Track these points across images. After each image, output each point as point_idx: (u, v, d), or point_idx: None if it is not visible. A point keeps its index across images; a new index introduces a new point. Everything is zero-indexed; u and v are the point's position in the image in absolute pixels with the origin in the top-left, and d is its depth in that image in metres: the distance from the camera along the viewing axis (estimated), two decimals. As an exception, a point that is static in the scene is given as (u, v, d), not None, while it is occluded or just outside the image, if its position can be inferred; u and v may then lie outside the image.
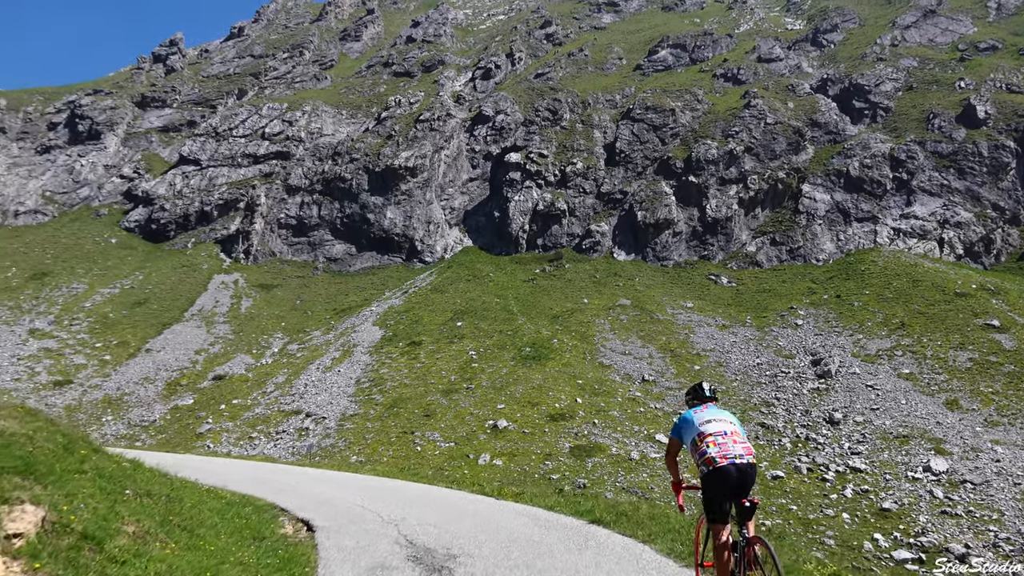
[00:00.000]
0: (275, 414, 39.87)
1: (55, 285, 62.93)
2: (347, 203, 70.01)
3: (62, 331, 54.24)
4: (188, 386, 46.18)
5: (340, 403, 39.94)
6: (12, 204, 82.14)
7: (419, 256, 65.35)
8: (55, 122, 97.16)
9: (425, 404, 38.11)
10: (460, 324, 49.14)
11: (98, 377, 47.73)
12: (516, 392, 38.17)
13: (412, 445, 33.60)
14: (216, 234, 72.41)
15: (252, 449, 35.73)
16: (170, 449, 37.00)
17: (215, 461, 25.97)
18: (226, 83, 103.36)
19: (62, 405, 43.75)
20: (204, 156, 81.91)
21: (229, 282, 63.34)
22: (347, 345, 48.65)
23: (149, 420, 41.53)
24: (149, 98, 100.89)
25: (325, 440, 35.82)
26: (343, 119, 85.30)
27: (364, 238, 67.73)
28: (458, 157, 73.20)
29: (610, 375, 40.31)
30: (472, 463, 30.92)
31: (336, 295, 60.93)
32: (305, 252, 68.77)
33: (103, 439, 39.12)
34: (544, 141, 69.82)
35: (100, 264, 67.89)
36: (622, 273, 56.70)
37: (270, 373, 46.58)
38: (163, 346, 51.86)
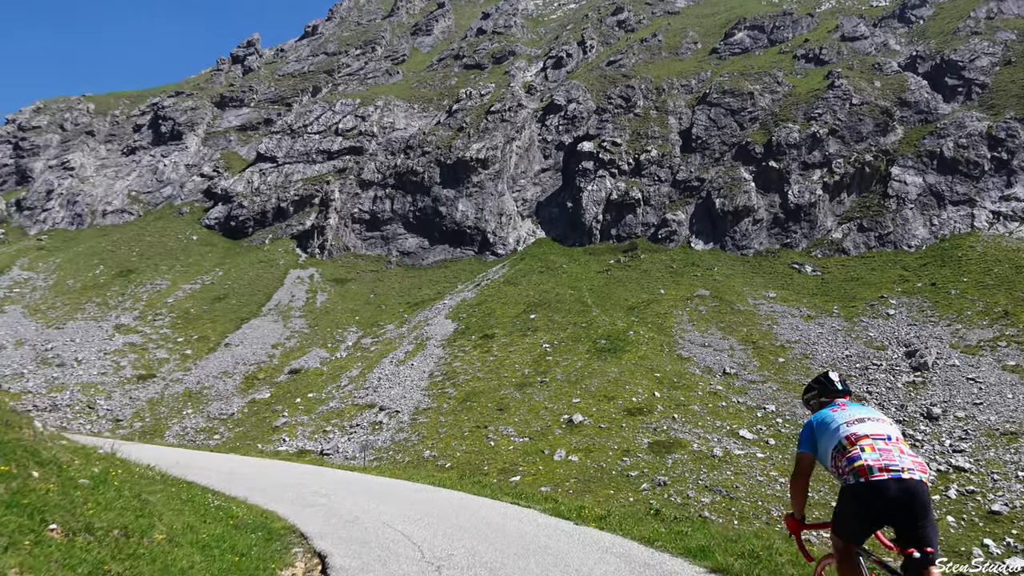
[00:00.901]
0: (349, 408, 39.80)
1: (140, 282, 64.73)
2: (419, 196, 69.94)
3: (146, 326, 55.63)
4: (265, 380, 46.65)
5: (413, 397, 39.61)
6: (100, 204, 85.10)
7: (491, 248, 64.75)
8: (140, 124, 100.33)
9: (498, 398, 37.42)
10: (533, 316, 48.30)
11: (179, 371, 48.69)
12: (591, 386, 37.11)
13: (485, 440, 32.93)
14: (292, 230, 73.40)
15: (326, 443, 35.66)
16: (247, 442, 37.33)
17: (254, 464, 24.17)
18: (301, 81, 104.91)
19: (145, 399, 44.75)
20: (280, 153, 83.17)
21: (305, 277, 64.00)
22: (420, 338, 48.39)
23: (227, 413, 42.04)
24: (228, 98, 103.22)
25: (398, 434, 35.49)
26: (415, 113, 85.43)
27: (436, 231, 67.53)
28: (530, 148, 72.30)
29: (689, 368, 38.84)
30: (547, 459, 30.03)
31: (409, 288, 60.87)
32: (378, 246, 69.01)
33: (183, 432, 39.81)
34: (617, 129, 68.27)
35: (182, 261, 69.59)
36: (700, 263, 54.89)
37: (344, 367, 46.68)
38: (241, 340, 52.61)
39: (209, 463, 21.74)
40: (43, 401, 43.39)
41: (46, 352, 50.93)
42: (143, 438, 39.54)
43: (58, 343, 52.44)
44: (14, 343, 52.67)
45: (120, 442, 22.72)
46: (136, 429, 40.83)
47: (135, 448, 21.39)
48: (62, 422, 41.17)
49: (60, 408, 42.73)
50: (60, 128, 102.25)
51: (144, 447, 25.82)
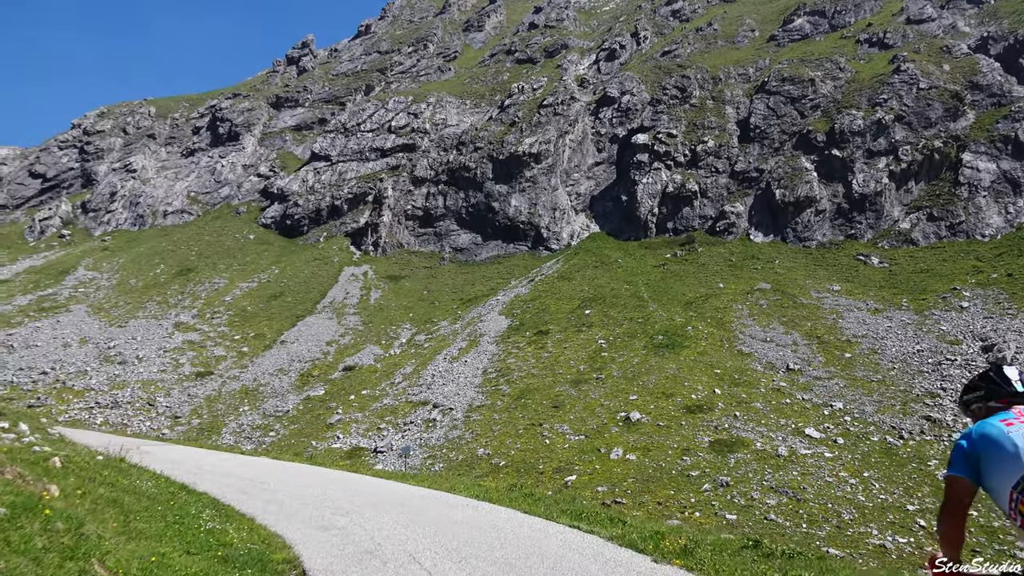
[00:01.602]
0: (403, 405, 39.51)
1: (199, 280, 65.70)
2: (472, 192, 69.54)
3: (204, 324, 56.35)
4: (320, 377, 46.72)
5: (467, 394, 39.12)
6: (161, 205, 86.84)
7: (545, 243, 63.99)
8: (198, 126, 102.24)
9: (553, 395, 36.68)
10: (588, 312, 47.42)
11: (236, 368, 49.12)
12: (649, 382, 36.10)
13: (540, 437, 32.23)
14: (346, 227, 73.73)
15: (380, 440, 35.39)
16: (302, 439, 37.32)
17: (282, 470, 21.83)
18: (354, 80, 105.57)
19: (203, 396, 45.20)
20: (334, 152, 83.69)
21: (359, 274, 64.16)
22: (474, 335, 47.92)
23: (283, 410, 42.16)
24: (283, 98, 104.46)
25: (452, 432, 35.03)
26: (467, 109, 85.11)
27: (489, 227, 67.04)
28: (583, 141, 71.30)
29: (751, 364, 37.51)
30: (603, 457, 29.19)
31: (463, 285, 60.50)
32: (432, 243, 68.85)
33: (240, 429, 40.02)
34: (672, 120, 66.83)
35: (239, 259, 70.47)
36: (760, 255, 53.26)
37: (398, 364, 46.47)
38: (296, 338, 52.88)
39: (234, 469, 20.60)
40: (105, 398, 44.13)
41: (109, 350, 51.92)
42: (200, 435, 39.89)
43: (120, 341, 53.43)
44: (79, 341, 53.83)
45: (151, 443, 22.53)
46: (194, 426, 41.22)
47: (163, 450, 21.06)
48: (123, 419, 41.81)
49: (121, 405, 43.40)
50: (123, 132, 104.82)
51: (174, 449, 25.16)
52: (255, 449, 37.27)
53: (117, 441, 21.08)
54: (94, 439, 22.75)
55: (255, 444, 38.12)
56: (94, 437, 23.86)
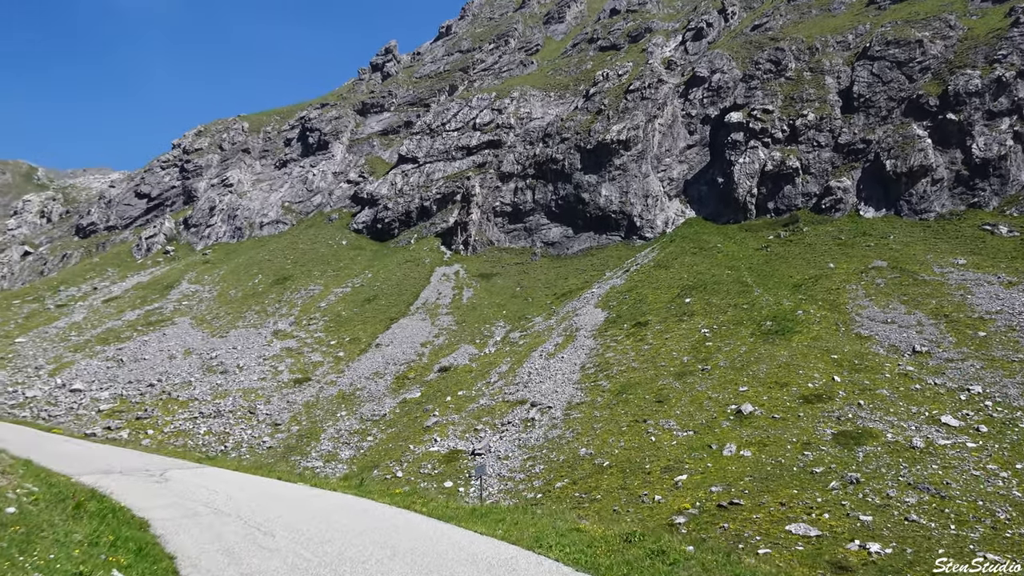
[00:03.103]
0: (500, 404, 38.30)
1: (295, 288, 66.47)
2: (561, 184, 67.92)
3: (301, 331, 56.74)
4: (415, 379, 46.08)
5: (566, 391, 37.57)
6: (257, 216, 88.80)
7: (638, 232, 61.76)
8: (289, 138, 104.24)
9: (656, 389, 34.71)
10: (689, 300, 45.11)
11: (333, 373, 49.05)
12: (759, 372, 33.68)
13: (645, 435, 30.37)
14: (436, 228, 73.36)
15: (477, 442, 34.25)
16: (399, 443, 36.57)
17: (307, 509, 14.85)
18: (437, 81, 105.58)
19: (301, 402, 45.21)
20: (420, 153, 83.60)
21: (450, 274, 63.52)
22: (569, 330, 46.34)
23: (379, 414, 41.64)
24: (369, 104, 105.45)
25: (552, 431, 33.55)
26: (551, 101, 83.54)
27: (580, 219, 65.28)
28: (673, 124, 68.63)
29: (871, 348, 34.54)
30: (715, 454, 27.13)
31: (555, 279, 58.99)
32: (522, 238, 67.61)
33: (338, 434, 39.68)
34: (768, 96, 63.43)
35: (333, 265, 71.03)
36: (872, 231, 49.65)
37: (493, 363, 45.35)
38: (391, 340, 52.50)
39: (250, 508, 14.80)
40: (208, 408, 44.68)
41: (211, 360, 52.81)
42: (300, 442, 39.74)
43: (222, 351, 54.31)
44: (183, 353, 55.05)
45: (192, 466, 21.04)
46: (293, 433, 41.15)
47: (197, 477, 18.78)
48: (225, 428, 42.16)
49: (223, 414, 43.81)
50: (219, 148, 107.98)
51: (217, 474, 19.81)
52: (352, 456, 36.79)
53: (158, 463, 20.36)
54: (133, 459, 22.09)
55: (353, 450, 37.65)
56: (135, 457, 22.99)
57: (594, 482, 27.38)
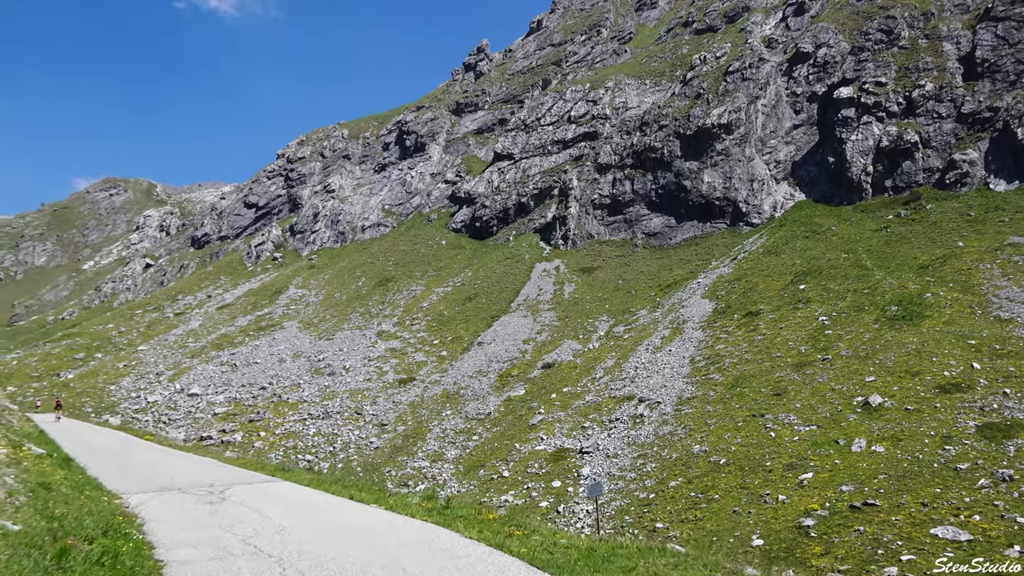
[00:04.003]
0: (606, 400, 37.11)
1: (397, 289, 67.04)
2: (660, 173, 65.96)
3: (404, 331, 57.02)
4: (519, 376, 45.38)
5: (675, 385, 36.03)
6: (359, 220, 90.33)
7: (744, 219, 59.21)
8: (387, 142, 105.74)
9: (773, 381, 32.76)
10: (803, 287, 42.66)
11: (436, 373, 48.93)
12: (887, 360, 31.27)
13: (763, 430, 28.59)
14: (534, 224, 72.61)
15: (585, 440, 33.18)
16: (505, 442, 35.89)
17: (399, 534, 12.56)
18: (530, 76, 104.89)
19: (407, 402, 45.22)
20: (516, 150, 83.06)
21: (551, 269, 62.63)
22: (676, 322, 44.63)
23: (484, 413, 41.12)
24: (463, 104, 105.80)
25: (662, 427, 32.13)
26: (647, 88, 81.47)
27: (682, 207, 63.17)
28: (777, 104, 65.55)
29: (1014, 331, 31.52)
30: (843, 450, 25.16)
31: (659, 271, 57.22)
32: (622, 230, 66.03)
33: (443, 434, 39.37)
34: (880, 67, 59.65)
35: (434, 265, 71.32)
36: (1005, 206, 45.76)
37: (598, 358, 44.14)
38: (493, 338, 52.03)
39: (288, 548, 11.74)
40: (317, 410, 45.28)
41: (319, 362, 53.67)
42: (406, 442, 39.64)
43: (328, 353, 55.15)
44: (292, 356, 56.21)
45: (264, 479, 18.33)
46: (399, 433, 41.13)
47: (258, 497, 15.35)
48: (333, 429, 42.57)
49: (331, 416, 44.30)
50: (321, 156, 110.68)
51: (286, 491, 16.57)
52: (458, 456, 36.36)
53: (228, 476, 18.26)
54: (205, 471, 19.74)
55: (459, 449, 37.23)
56: (208, 469, 20.54)
57: (710, 481, 25.88)
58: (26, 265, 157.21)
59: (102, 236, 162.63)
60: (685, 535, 22.75)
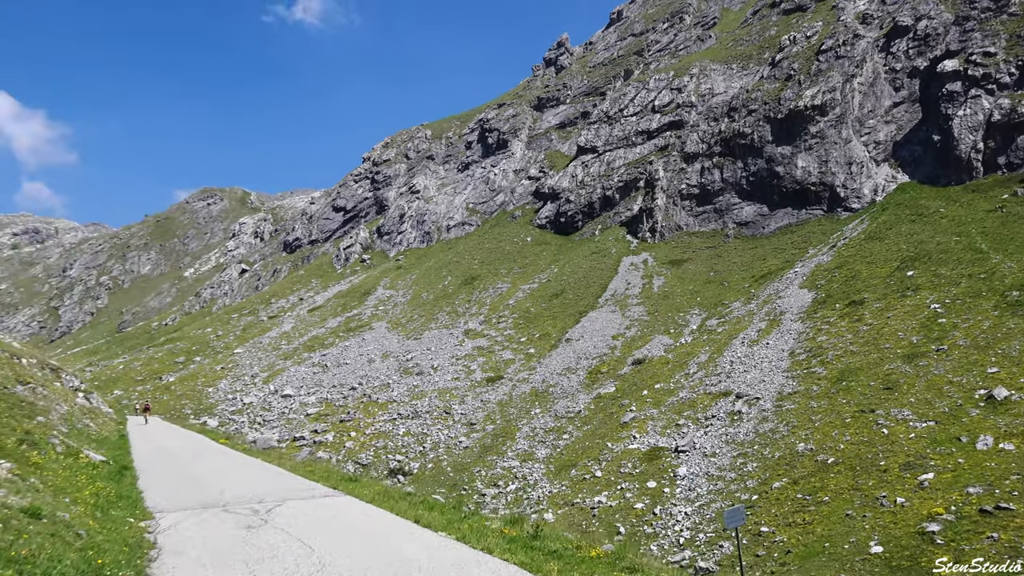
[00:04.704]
0: (701, 397, 35.62)
1: (483, 287, 66.73)
2: (751, 160, 63.51)
3: (491, 329, 56.58)
4: (608, 373, 44.23)
5: (774, 380, 34.25)
6: (444, 220, 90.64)
7: (843, 204, 56.32)
8: (470, 140, 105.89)
9: (883, 374, 30.66)
10: (911, 273, 40.04)
11: (524, 371, 48.24)
12: (1011, 350, 28.79)
13: (874, 427, 26.69)
14: (620, 217, 71.15)
15: (680, 439, 31.83)
16: (596, 441, 34.89)
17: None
18: (612, 68, 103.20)
19: (495, 401, 44.68)
20: (599, 142, 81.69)
21: (638, 263, 61.12)
22: (773, 314, 42.63)
23: (574, 411, 40.17)
24: (544, 99, 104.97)
25: (762, 425, 30.51)
26: (734, 73, 78.76)
27: (775, 194, 60.62)
28: (875, 82, 62.15)
29: None
30: (967, 448, 23.14)
31: (752, 261, 55.01)
32: (712, 220, 63.90)
33: (533, 433, 38.65)
34: (988, 37, 55.74)
35: (519, 262, 70.73)
36: None
37: (691, 353, 42.57)
38: (581, 335, 50.99)
39: None
40: (406, 409, 45.25)
41: (407, 362, 53.77)
42: (495, 441, 39.07)
43: (416, 352, 55.20)
44: (381, 356, 56.53)
45: (324, 493, 15.55)
46: (488, 432, 40.60)
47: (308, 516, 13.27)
48: (423, 428, 42.39)
49: (420, 415, 44.16)
50: (405, 157, 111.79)
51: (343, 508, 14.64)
52: (549, 455, 35.54)
53: (283, 489, 15.68)
54: (262, 483, 17.17)
55: (549, 448, 36.41)
56: (266, 480, 17.98)
57: (818, 482, 24.26)
58: (133, 274, 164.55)
59: (201, 244, 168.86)
60: (793, 540, 21.29)
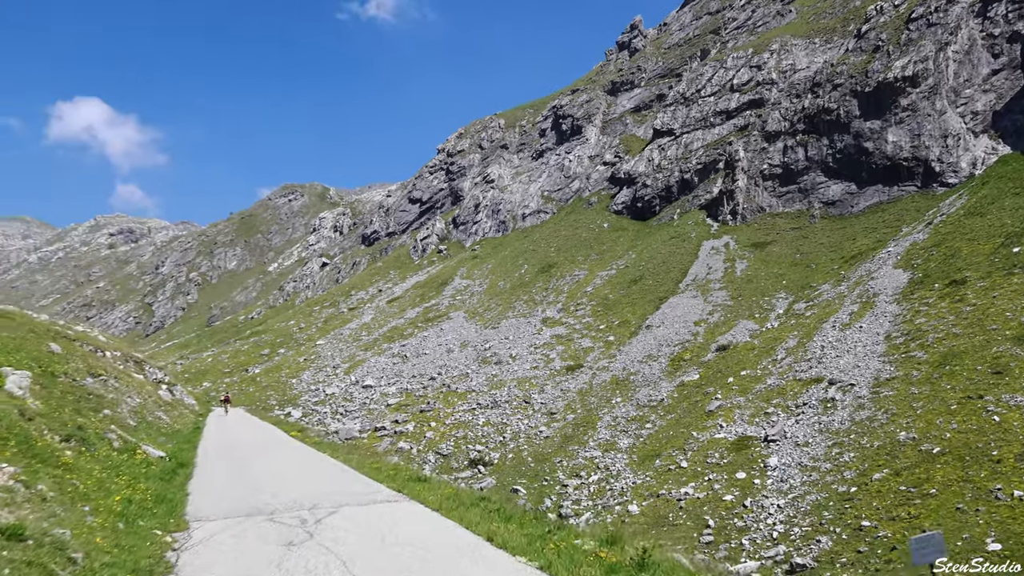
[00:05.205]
0: (791, 384, 34.15)
1: (560, 275, 66.02)
2: (837, 136, 60.83)
3: (569, 317, 55.85)
4: (691, 360, 42.97)
5: (869, 365, 32.53)
6: (519, 208, 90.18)
7: (938, 179, 53.35)
8: (543, 128, 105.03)
9: (991, 358, 28.67)
10: (1017, 250, 37.47)
11: (604, 359, 47.37)
12: None
13: (983, 414, 24.93)
14: (699, 200, 69.28)
15: (770, 427, 30.54)
16: (680, 430, 33.87)
17: None
18: (687, 48, 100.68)
19: (575, 389, 43.99)
20: (676, 124, 79.77)
21: (719, 246, 59.36)
22: (865, 295, 40.62)
23: (656, 399, 39.14)
24: (618, 83, 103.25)
25: (858, 412, 28.96)
26: (816, 47, 75.65)
27: (864, 171, 57.91)
28: (971, 49, 58.61)
29: None
30: (1091, 437, 21.32)
31: (841, 241, 52.67)
32: (796, 201, 61.53)
33: (614, 422, 37.85)
34: (1099, -6, 51.85)
35: (596, 249, 69.71)
36: None
37: (778, 338, 40.95)
38: (662, 321, 49.78)
39: None
40: (485, 398, 45.00)
41: (485, 351, 53.55)
42: (576, 431, 38.41)
43: (494, 341, 54.93)
44: (459, 345, 56.49)
45: (385, 499, 13.52)
46: (569, 421, 39.96)
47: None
48: (502, 418, 42.05)
49: (499, 404, 43.83)
50: (479, 147, 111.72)
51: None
52: (632, 445, 34.67)
53: (342, 494, 13.89)
54: (320, 485, 15.22)
55: (632, 438, 35.54)
56: (326, 481, 16.04)
57: (923, 473, 22.77)
58: (220, 270, 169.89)
59: (283, 239, 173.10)
60: (899, 535, 19.98)
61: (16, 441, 9.83)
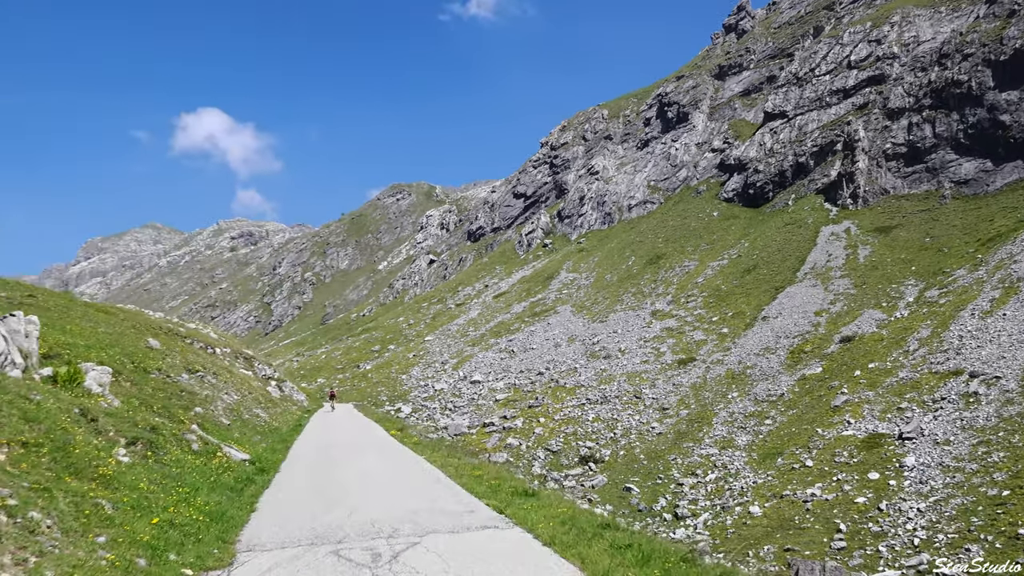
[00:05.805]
0: (926, 377, 31.63)
1: (669, 266, 64.18)
2: (969, 110, 56.49)
3: (679, 309, 54.10)
4: (813, 352, 40.63)
5: (1017, 356, 29.70)
6: (624, 200, 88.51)
7: (1089, 151, 48.72)
8: (648, 117, 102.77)
9: None
10: None
11: (718, 352, 45.50)
12: None
13: None
14: (815, 184, 65.89)
15: (905, 424, 28.28)
16: (803, 427, 31.93)
17: None
18: (799, 26, 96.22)
19: (688, 384, 42.40)
20: (789, 106, 76.26)
21: (839, 232, 56.17)
22: (1008, 280, 37.31)
23: (776, 394, 37.16)
24: (725, 67, 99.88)
25: (1006, 408, 26.41)
26: (942, 16, 70.62)
27: (1000, 147, 53.52)
28: (1124, 7, 53.27)
29: None
30: None
31: (976, 223, 48.80)
32: (924, 181, 57.52)
33: (731, 418, 36.21)
34: None
35: (706, 239, 67.44)
36: None
37: (909, 327, 38.16)
38: (779, 312, 47.43)
39: None
40: (594, 394, 43.99)
41: (593, 345, 52.51)
42: (690, 427, 36.93)
43: (602, 336, 53.80)
44: (567, 340, 55.66)
45: (485, 523, 11.01)
46: (682, 417, 38.47)
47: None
48: (612, 414, 40.95)
49: (609, 400, 42.73)
50: (583, 139, 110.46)
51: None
52: (751, 442, 32.95)
53: (435, 514, 11.26)
54: (406, 502, 12.52)
55: (751, 435, 33.81)
56: (411, 497, 13.08)
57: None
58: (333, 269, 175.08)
59: (392, 238, 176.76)
60: (1064, 546, 17.85)
61: (50, 448, 8.23)
